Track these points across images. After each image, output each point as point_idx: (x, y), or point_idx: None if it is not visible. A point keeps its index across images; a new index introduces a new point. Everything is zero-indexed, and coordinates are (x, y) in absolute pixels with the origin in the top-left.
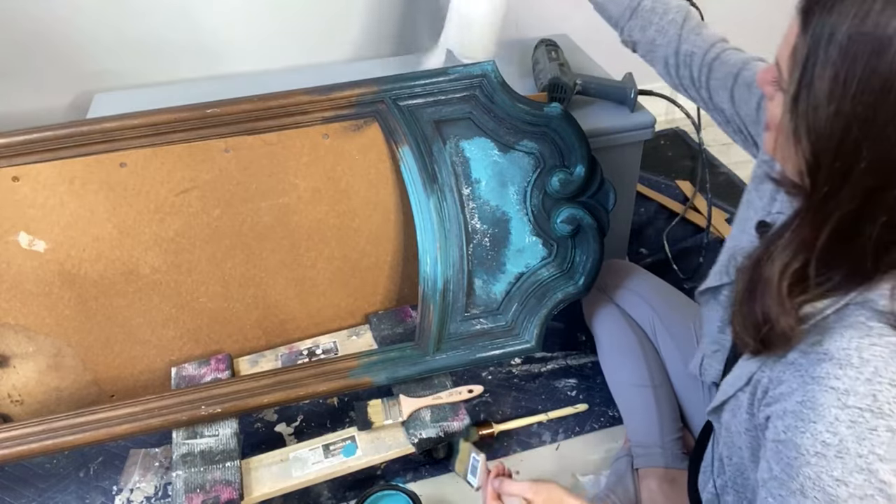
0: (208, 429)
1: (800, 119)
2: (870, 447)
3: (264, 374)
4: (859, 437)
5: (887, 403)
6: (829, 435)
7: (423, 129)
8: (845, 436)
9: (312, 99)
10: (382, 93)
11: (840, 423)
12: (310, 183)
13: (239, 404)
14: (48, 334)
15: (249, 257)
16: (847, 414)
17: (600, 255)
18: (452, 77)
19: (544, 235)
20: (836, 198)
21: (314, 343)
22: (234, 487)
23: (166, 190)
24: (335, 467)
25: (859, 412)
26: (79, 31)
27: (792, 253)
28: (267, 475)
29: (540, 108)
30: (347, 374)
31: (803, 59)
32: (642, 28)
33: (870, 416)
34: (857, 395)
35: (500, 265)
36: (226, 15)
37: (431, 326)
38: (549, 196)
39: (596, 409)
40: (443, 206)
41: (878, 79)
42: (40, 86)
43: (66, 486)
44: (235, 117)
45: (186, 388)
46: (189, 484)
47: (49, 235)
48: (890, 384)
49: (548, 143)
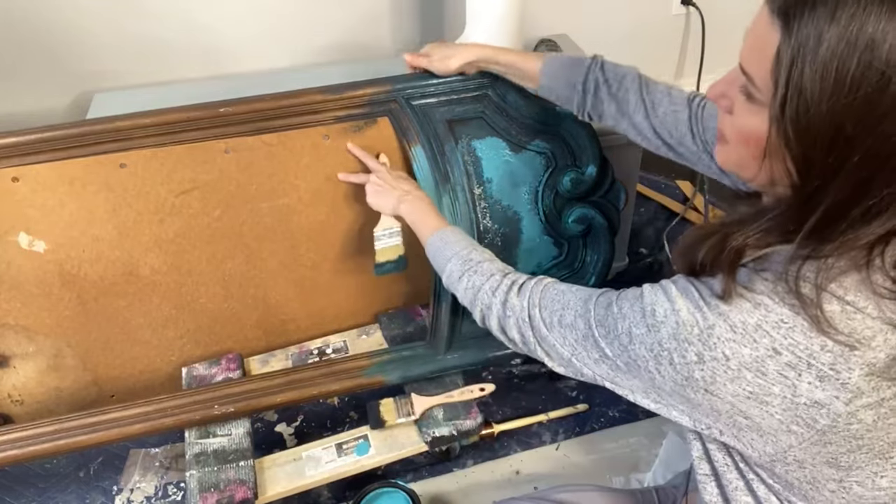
0: (221, 428)
1: (788, 122)
2: (673, 349)
3: (277, 374)
4: (675, 335)
5: (716, 338)
6: (661, 312)
7: (435, 128)
8: (669, 323)
9: (326, 98)
10: (395, 92)
11: (675, 315)
12: (310, 184)
13: (252, 403)
14: (48, 335)
15: (249, 258)
16: (687, 317)
17: (611, 254)
18: (465, 76)
19: (555, 235)
20: (826, 190)
21: (324, 342)
22: (248, 486)
23: (166, 191)
24: (348, 466)
25: (693, 323)
26: (79, 31)
27: (764, 234)
28: (281, 474)
29: (552, 107)
30: (360, 374)
31: (789, 62)
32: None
33: (696, 333)
34: (702, 315)
35: (511, 264)
36: (226, 15)
37: (444, 326)
38: (560, 196)
39: (596, 409)
40: (455, 205)
41: (874, 73)
42: (40, 86)
43: (66, 485)
44: (247, 116)
45: (199, 387)
46: (203, 483)
47: (49, 236)
48: (730, 327)
49: (559, 143)
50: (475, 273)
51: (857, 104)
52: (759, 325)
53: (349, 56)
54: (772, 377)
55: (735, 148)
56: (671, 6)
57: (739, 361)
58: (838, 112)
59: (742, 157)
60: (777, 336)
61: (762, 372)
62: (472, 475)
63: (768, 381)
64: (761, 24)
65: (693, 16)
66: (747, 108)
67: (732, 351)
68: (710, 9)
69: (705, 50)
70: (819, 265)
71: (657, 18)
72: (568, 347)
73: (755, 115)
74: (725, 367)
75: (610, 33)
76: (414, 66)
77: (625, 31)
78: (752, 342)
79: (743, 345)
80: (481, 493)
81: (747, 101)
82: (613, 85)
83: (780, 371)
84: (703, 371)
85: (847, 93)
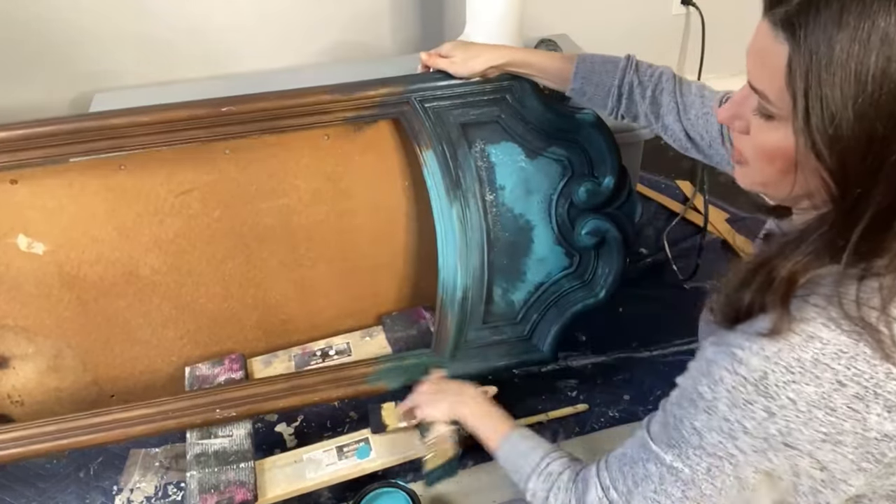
0: (222, 429)
1: (816, 133)
2: (740, 416)
3: (279, 378)
4: (733, 403)
5: (775, 385)
6: (708, 390)
7: (448, 132)
8: (721, 396)
9: (335, 98)
10: (408, 93)
11: (721, 385)
12: (310, 184)
13: (253, 408)
14: (48, 336)
15: (249, 258)
16: (732, 379)
17: (623, 266)
18: (482, 79)
19: (567, 246)
20: (869, 197)
21: (327, 344)
22: (248, 488)
23: (166, 191)
24: (349, 469)
25: (744, 382)
26: (79, 31)
27: (813, 257)
28: (281, 476)
29: (572, 114)
30: (363, 380)
31: (804, 73)
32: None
33: (752, 390)
34: (748, 367)
35: (520, 274)
36: (227, 15)
37: (449, 334)
38: (574, 206)
39: (596, 409)
40: (465, 213)
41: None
42: (40, 85)
43: (66, 486)
44: (252, 116)
45: (201, 390)
46: (203, 484)
47: (48, 237)
48: (785, 368)
49: (577, 151)
50: (559, 491)
51: (883, 102)
52: (817, 359)
53: (349, 56)
54: (841, 412)
55: (758, 167)
56: (671, 6)
57: (807, 402)
58: (866, 114)
59: (768, 175)
60: (839, 367)
61: (831, 408)
62: (472, 475)
63: (839, 418)
64: (764, 39)
65: (693, 16)
66: (765, 125)
67: (797, 392)
68: (710, 9)
69: (705, 50)
70: (876, 284)
71: (657, 18)
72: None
73: (775, 130)
74: (796, 412)
75: (610, 33)
76: (430, 66)
77: (625, 31)
78: (814, 378)
79: (805, 383)
80: (481, 493)
81: (764, 118)
82: (648, 87)
83: (848, 405)
84: (777, 423)
85: (871, 93)
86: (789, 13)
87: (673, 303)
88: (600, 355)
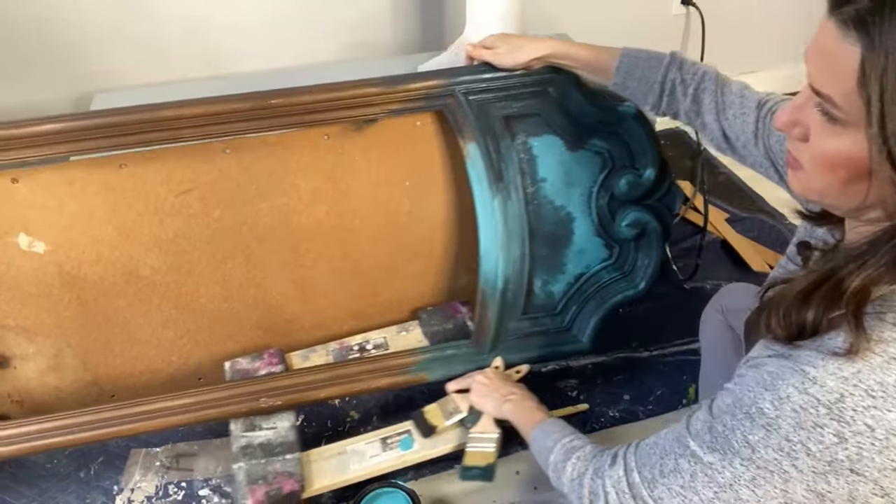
0: (266, 421)
1: (893, 139)
2: (804, 438)
3: (321, 368)
4: (799, 424)
5: (852, 410)
6: (770, 406)
7: (492, 124)
8: (785, 415)
9: (381, 91)
10: (453, 86)
11: (788, 403)
12: (310, 183)
13: (297, 397)
14: (48, 335)
15: (249, 258)
16: (801, 399)
17: (662, 258)
18: (525, 71)
19: (607, 237)
20: None
21: (364, 339)
22: (295, 479)
23: (166, 191)
24: (393, 461)
25: (816, 403)
26: (79, 31)
27: (888, 267)
28: (327, 467)
29: (614, 106)
30: (406, 370)
31: (879, 75)
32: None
33: (825, 413)
34: (823, 388)
35: (560, 265)
36: (227, 15)
37: (489, 325)
38: (615, 198)
39: (596, 409)
40: (507, 204)
41: None
42: (41, 85)
43: (66, 485)
44: (295, 108)
45: (245, 380)
46: (251, 475)
47: (48, 237)
48: (865, 392)
49: (618, 143)
50: (578, 460)
51: None
52: None
53: (350, 56)
54: None
55: (817, 175)
56: (671, 6)
57: (886, 429)
58: None
59: (828, 184)
60: None
61: None
62: None
63: None
64: (828, 40)
65: (693, 16)
66: (829, 130)
67: (876, 419)
68: (710, 9)
69: (705, 50)
70: None
71: (657, 18)
72: (677, 498)
73: (841, 136)
74: (872, 439)
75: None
76: (474, 58)
77: (625, 31)
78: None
79: (887, 409)
80: (482, 493)
81: (828, 123)
82: (690, 85)
83: None
84: (848, 450)
85: None
86: (861, 12)
87: (673, 303)
88: (600, 355)
